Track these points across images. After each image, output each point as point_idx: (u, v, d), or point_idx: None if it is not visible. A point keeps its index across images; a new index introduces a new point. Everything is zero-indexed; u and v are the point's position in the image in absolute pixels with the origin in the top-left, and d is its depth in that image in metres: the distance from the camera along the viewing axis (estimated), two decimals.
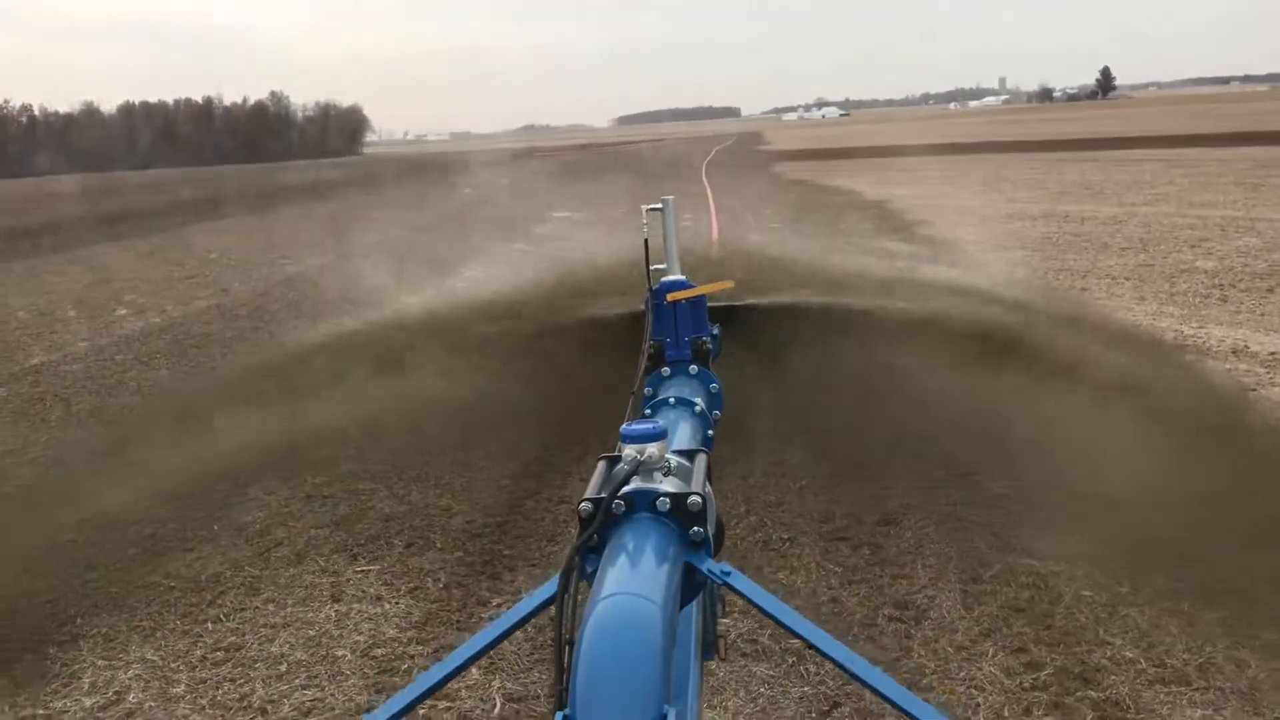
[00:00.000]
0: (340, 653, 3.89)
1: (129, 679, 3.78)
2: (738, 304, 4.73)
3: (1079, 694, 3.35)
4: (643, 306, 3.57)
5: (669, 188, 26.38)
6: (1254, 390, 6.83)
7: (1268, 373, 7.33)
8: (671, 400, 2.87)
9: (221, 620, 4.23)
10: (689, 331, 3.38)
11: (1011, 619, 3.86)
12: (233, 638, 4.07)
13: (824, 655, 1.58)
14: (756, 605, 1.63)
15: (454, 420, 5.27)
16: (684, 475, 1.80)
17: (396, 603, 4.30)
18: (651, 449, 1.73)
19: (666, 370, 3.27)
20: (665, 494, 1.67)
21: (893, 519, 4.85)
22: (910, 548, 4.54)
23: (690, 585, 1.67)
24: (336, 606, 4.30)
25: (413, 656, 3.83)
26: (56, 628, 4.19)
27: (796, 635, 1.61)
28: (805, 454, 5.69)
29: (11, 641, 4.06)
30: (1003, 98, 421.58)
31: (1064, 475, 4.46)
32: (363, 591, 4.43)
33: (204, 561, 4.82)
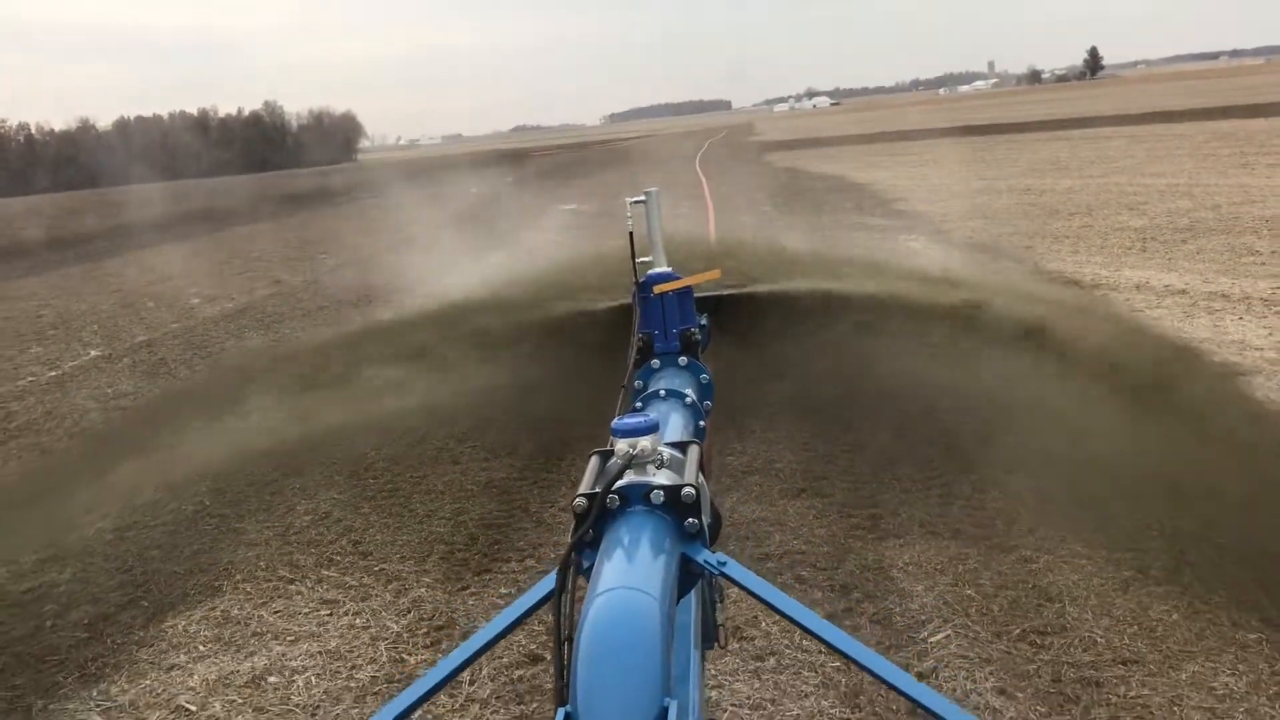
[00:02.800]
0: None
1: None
2: (724, 294, 5.06)
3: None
4: (630, 300, 3.53)
5: (665, 178, 28.14)
6: (1139, 311, 8.71)
7: (1157, 299, 9.22)
8: (662, 393, 2.83)
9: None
10: (677, 323, 3.33)
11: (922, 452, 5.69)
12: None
13: (824, 643, 1.61)
14: (753, 594, 1.65)
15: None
16: (677, 467, 1.81)
17: None
18: (643, 442, 1.74)
19: (656, 363, 3.20)
20: (659, 487, 1.68)
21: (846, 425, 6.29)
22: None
23: (687, 576, 1.69)
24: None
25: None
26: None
27: (795, 623, 1.63)
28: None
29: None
30: (992, 81, 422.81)
31: (985, 383, 5.24)
32: None
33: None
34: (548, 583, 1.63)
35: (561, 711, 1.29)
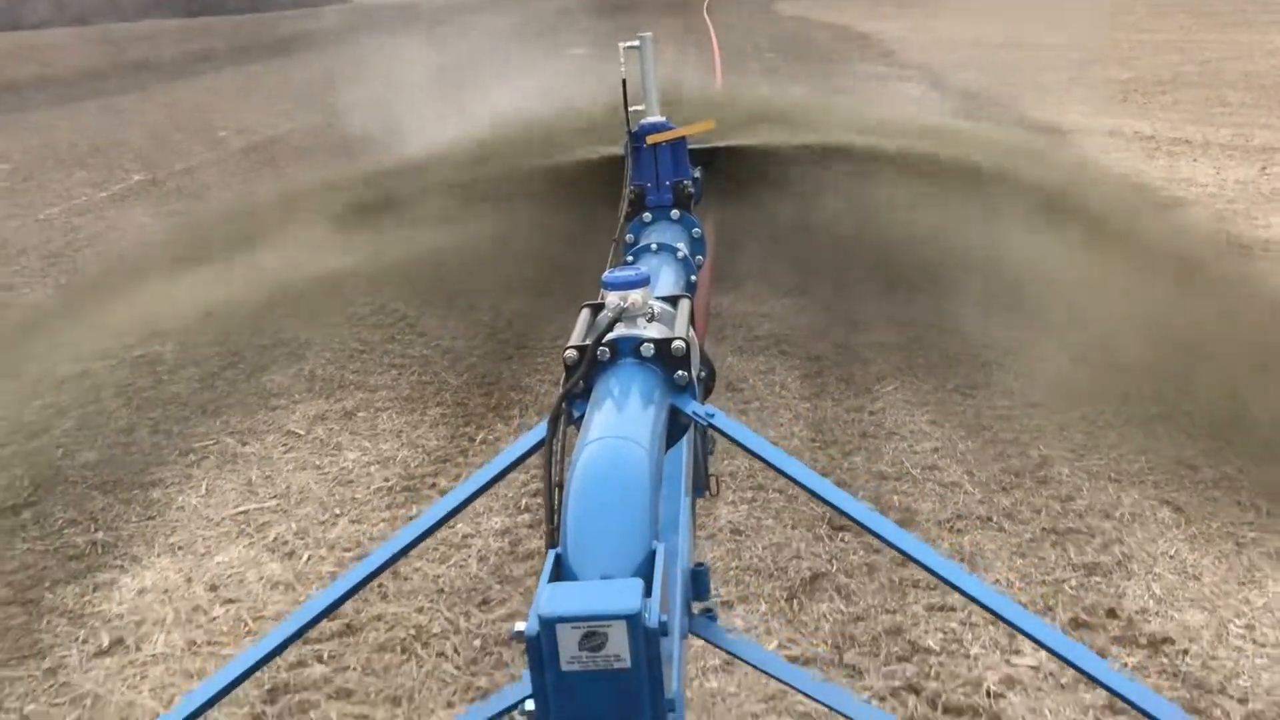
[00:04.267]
0: None
1: None
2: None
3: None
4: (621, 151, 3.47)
5: (672, 25, 28.25)
6: (1108, 154, 9.54)
7: (1125, 143, 10.03)
8: (654, 246, 2.81)
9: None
10: (670, 175, 3.26)
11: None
12: None
13: (810, 493, 1.66)
14: (740, 444, 1.70)
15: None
16: (667, 321, 1.81)
17: None
18: (634, 295, 1.74)
19: (648, 216, 3.14)
20: (649, 339, 1.70)
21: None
22: None
23: (676, 427, 1.72)
24: None
25: None
26: None
27: (782, 473, 1.68)
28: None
29: None
30: None
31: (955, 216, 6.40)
32: None
33: None
34: (540, 431, 1.65)
35: (552, 553, 1.31)
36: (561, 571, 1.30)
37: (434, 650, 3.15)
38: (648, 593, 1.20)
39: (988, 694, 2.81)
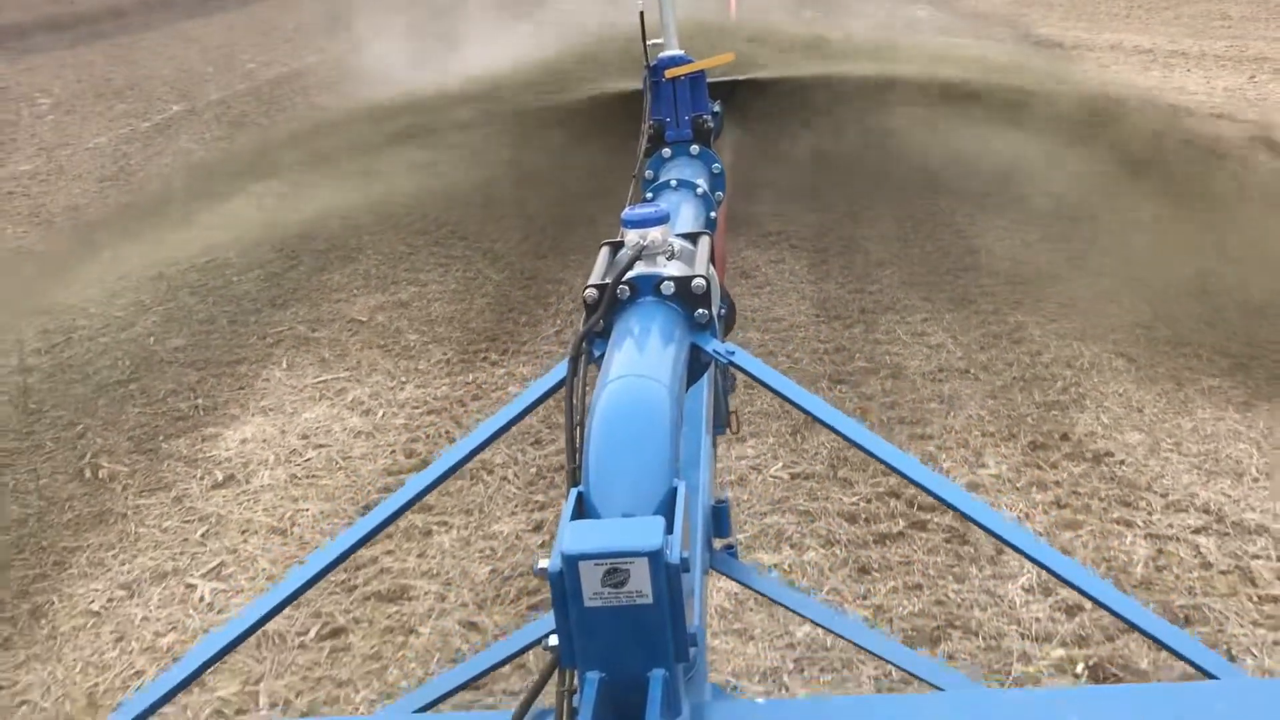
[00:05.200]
0: None
1: None
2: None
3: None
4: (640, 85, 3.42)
5: None
6: (1107, 67, 9.96)
7: (1124, 56, 10.45)
8: (673, 183, 2.78)
9: None
10: (689, 110, 3.22)
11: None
12: None
13: (829, 428, 1.65)
14: (761, 382, 1.70)
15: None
16: (687, 258, 1.80)
17: None
18: (654, 233, 1.73)
19: (667, 152, 3.11)
20: (669, 278, 1.69)
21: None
22: None
23: (696, 365, 1.72)
24: None
25: None
26: None
27: (802, 409, 1.67)
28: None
29: None
30: None
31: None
32: None
33: None
34: (560, 370, 1.65)
35: (574, 491, 1.32)
36: (584, 509, 1.31)
37: (498, 476, 3.78)
38: (669, 530, 1.22)
39: None
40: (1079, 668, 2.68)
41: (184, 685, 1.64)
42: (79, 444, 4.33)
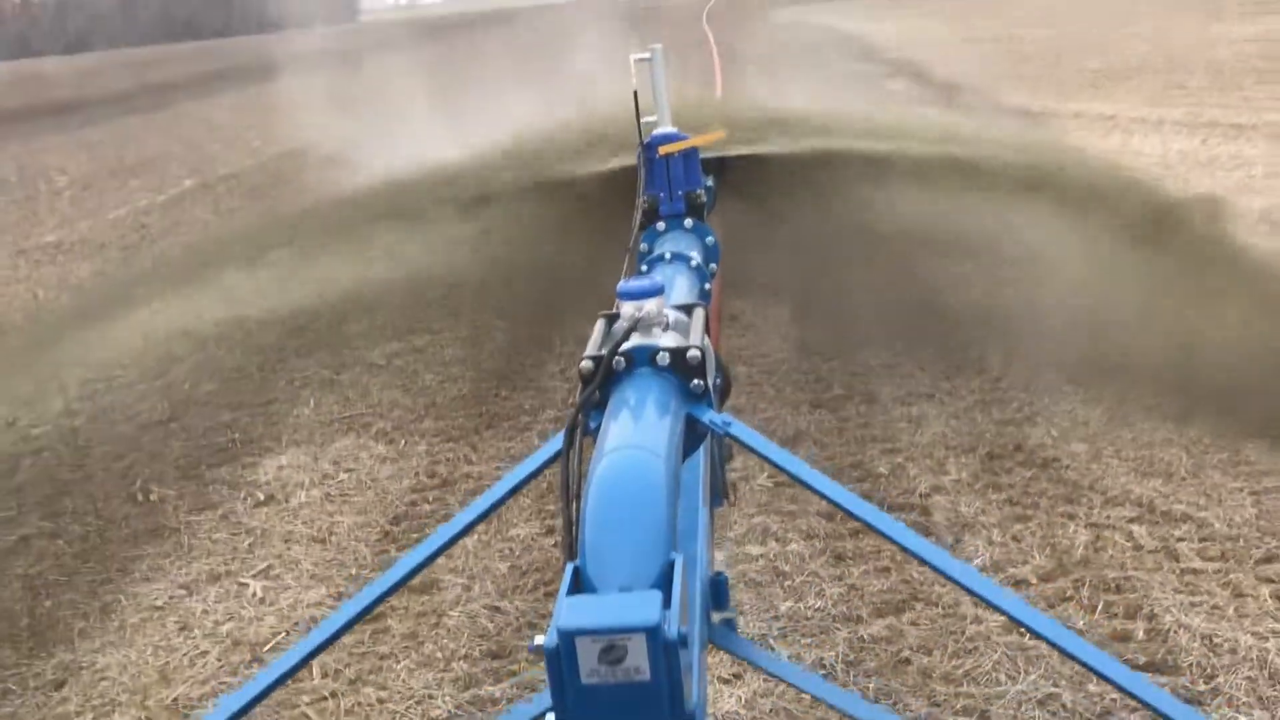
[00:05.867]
0: None
1: None
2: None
3: None
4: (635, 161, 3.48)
5: (670, 34, 29.23)
6: (1070, 133, 10.59)
7: (1088, 123, 11.09)
8: (667, 255, 2.86)
9: None
10: (683, 185, 3.29)
11: None
12: None
13: (828, 500, 1.65)
14: (758, 453, 1.71)
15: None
16: (682, 329, 1.83)
17: None
18: (649, 305, 1.76)
19: (661, 225, 3.20)
20: (664, 348, 1.71)
21: None
22: None
23: (693, 436, 1.72)
24: None
25: None
26: None
27: (799, 481, 1.69)
28: None
29: None
30: None
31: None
32: None
33: None
34: (556, 443, 1.64)
35: (570, 566, 1.30)
36: (581, 583, 1.30)
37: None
38: (667, 604, 1.21)
39: (920, 496, 3.87)
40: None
41: (266, 694, 1.68)
42: (128, 473, 4.76)
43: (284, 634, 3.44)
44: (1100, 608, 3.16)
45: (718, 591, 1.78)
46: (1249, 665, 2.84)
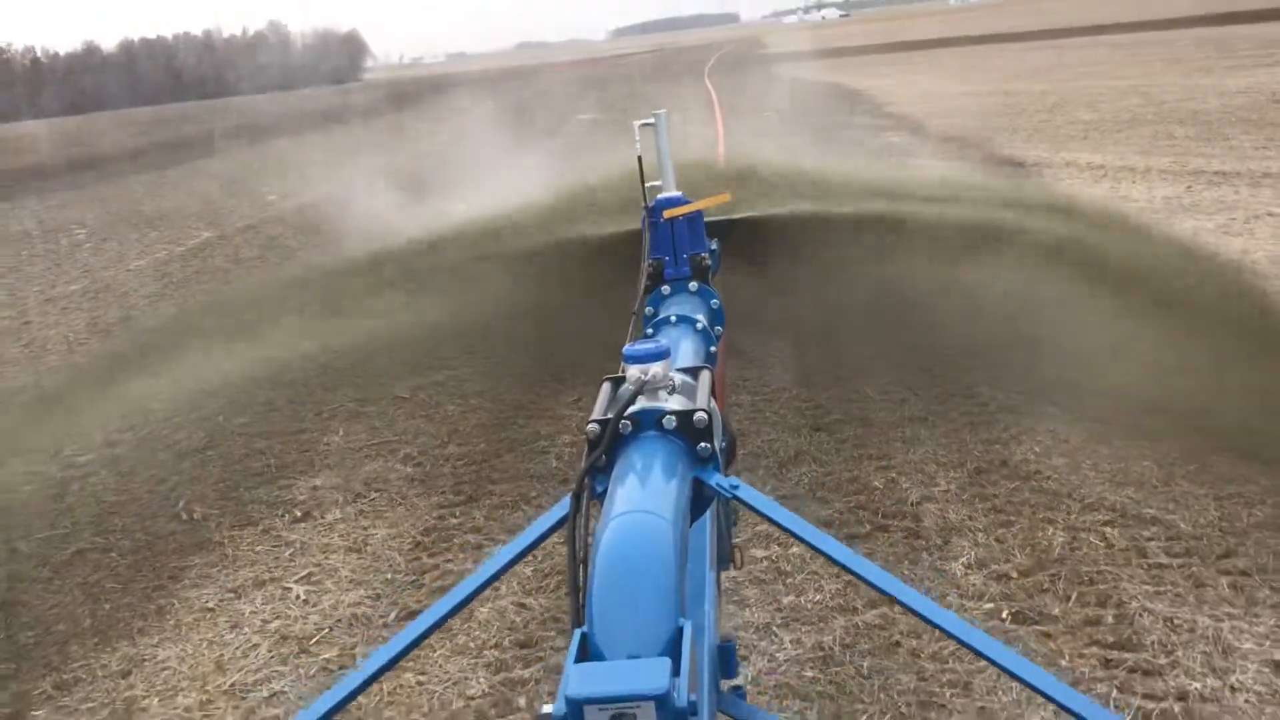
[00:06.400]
0: None
1: None
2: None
3: None
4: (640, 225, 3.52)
5: (678, 93, 29.92)
6: (1060, 180, 11.00)
7: (1079, 171, 11.50)
8: (673, 319, 2.87)
9: None
10: (687, 248, 3.31)
11: None
12: None
13: (837, 564, 1.64)
14: (766, 516, 1.70)
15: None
16: (688, 393, 1.82)
17: None
18: (655, 368, 1.75)
19: (667, 289, 3.22)
20: (671, 412, 1.71)
21: None
22: None
23: (700, 500, 1.71)
24: None
25: None
26: None
27: (808, 544, 1.69)
28: None
29: None
30: None
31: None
32: None
33: None
34: (562, 508, 1.64)
35: (578, 632, 1.30)
36: (588, 650, 1.29)
37: (534, 504, 4.54)
38: (675, 672, 1.20)
39: (911, 505, 4.18)
40: (1004, 614, 3.42)
41: (346, 702, 1.69)
42: (171, 495, 5.09)
43: (328, 629, 3.75)
44: (1074, 598, 3.47)
45: (725, 658, 1.78)
46: (1205, 642, 3.15)
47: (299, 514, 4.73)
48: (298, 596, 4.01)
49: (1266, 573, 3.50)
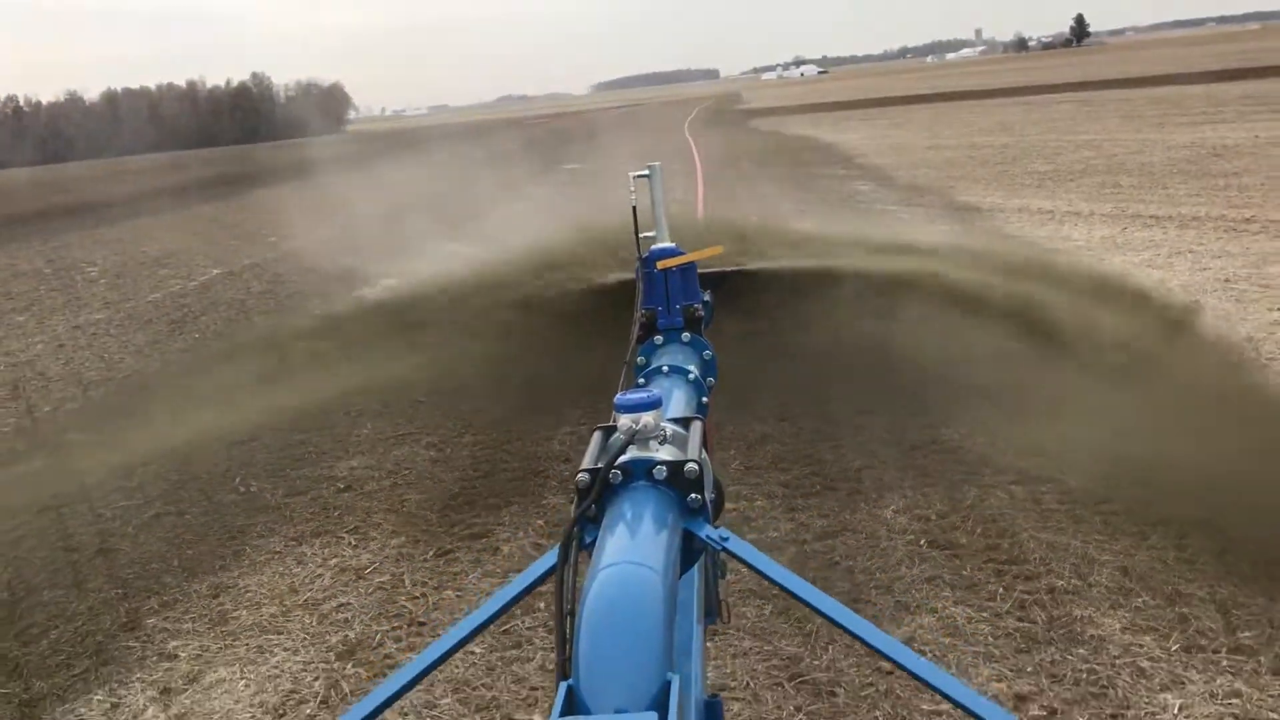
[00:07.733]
0: None
1: None
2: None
3: None
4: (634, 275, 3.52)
5: (659, 142, 31.05)
6: (1009, 223, 12.02)
7: (1029, 216, 12.55)
8: (665, 369, 2.87)
9: None
10: (680, 299, 3.34)
11: None
12: None
13: (826, 618, 1.59)
14: (755, 569, 1.66)
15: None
16: (680, 443, 1.82)
17: None
18: (646, 418, 1.74)
19: (659, 339, 3.24)
20: (661, 462, 1.69)
21: None
22: None
23: (689, 551, 1.69)
24: None
25: None
26: None
27: (797, 598, 1.62)
28: None
29: None
30: (979, 49, 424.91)
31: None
32: None
33: None
34: (550, 558, 1.62)
35: (564, 685, 1.28)
36: (574, 704, 1.25)
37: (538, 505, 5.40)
38: None
39: (854, 471, 5.09)
40: (922, 543, 4.30)
41: (396, 697, 1.64)
42: (227, 474, 5.93)
43: (378, 563, 4.60)
44: (979, 532, 4.36)
45: (713, 715, 1.72)
46: (1074, 557, 4.05)
47: (342, 485, 5.60)
48: (350, 543, 4.86)
49: (1133, 513, 4.40)
